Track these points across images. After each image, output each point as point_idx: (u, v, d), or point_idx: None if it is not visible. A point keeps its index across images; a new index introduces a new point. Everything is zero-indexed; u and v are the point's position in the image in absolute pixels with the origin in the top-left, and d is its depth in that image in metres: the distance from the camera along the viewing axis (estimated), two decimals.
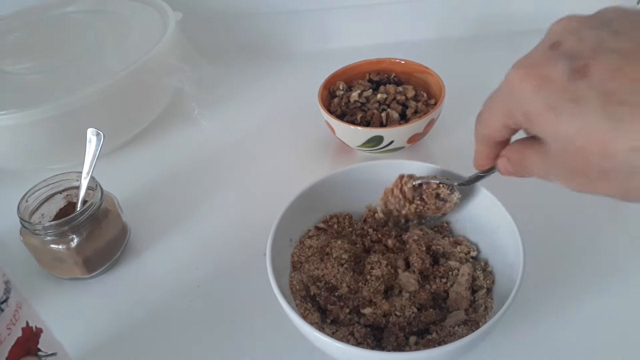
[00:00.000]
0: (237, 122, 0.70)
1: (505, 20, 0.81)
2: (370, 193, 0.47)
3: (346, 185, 0.46)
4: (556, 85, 0.22)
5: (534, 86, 0.23)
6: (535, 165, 0.26)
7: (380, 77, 0.63)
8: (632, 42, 0.21)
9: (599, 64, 0.21)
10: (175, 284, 0.50)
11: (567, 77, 0.22)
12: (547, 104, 0.22)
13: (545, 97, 0.22)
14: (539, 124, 0.23)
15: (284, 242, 0.43)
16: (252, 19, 0.80)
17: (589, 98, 0.21)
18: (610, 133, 0.20)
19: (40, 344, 0.35)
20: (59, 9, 0.74)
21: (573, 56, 0.22)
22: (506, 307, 0.33)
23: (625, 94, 0.20)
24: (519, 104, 0.24)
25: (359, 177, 0.46)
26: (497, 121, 0.26)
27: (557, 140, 0.23)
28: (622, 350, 0.41)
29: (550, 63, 0.23)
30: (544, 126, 0.23)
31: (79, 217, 0.47)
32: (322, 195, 0.45)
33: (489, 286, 0.41)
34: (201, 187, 0.60)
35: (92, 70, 0.62)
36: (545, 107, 0.22)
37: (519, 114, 0.24)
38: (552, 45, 0.24)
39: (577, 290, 0.45)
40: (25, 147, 0.60)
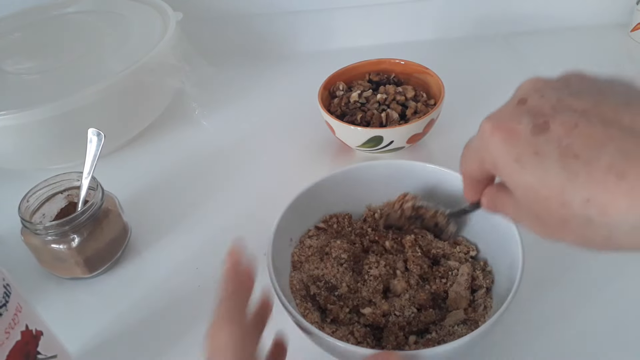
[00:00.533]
0: (237, 122, 0.70)
1: (505, 21, 0.81)
2: (370, 193, 0.47)
3: (346, 185, 0.46)
4: (521, 139, 0.24)
5: (501, 139, 0.25)
6: (508, 208, 0.28)
7: (380, 77, 0.64)
8: (587, 103, 0.23)
9: (557, 121, 0.23)
10: (175, 284, 0.50)
11: (530, 131, 0.24)
12: (512, 156, 0.24)
13: (511, 150, 0.24)
14: (506, 173, 0.25)
15: (284, 242, 0.43)
16: (253, 19, 0.80)
17: (548, 152, 0.23)
18: (567, 184, 0.22)
19: (40, 347, 0.35)
20: (59, 9, 0.74)
21: (536, 113, 0.25)
22: (505, 306, 0.34)
23: (579, 149, 0.22)
24: (489, 154, 0.26)
25: (359, 177, 0.47)
26: (472, 165, 0.29)
27: (522, 189, 0.25)
28: (622, 349, 0.41)
29: (516, 118, 0.25)
30: (511, 176, 0.25)
31: (80, 217, 0.47)
32: (322, 195, 0.46)
33: (488, 286, 0.41)
34: (202, 187, 0.61)
35: (92, 71, 0.62)
36: (511, 159, 0.24)
37: (489, 163, 0.26)
38: (519, 101, 0.26)
39: (577, 290, 0.45)
40: (26, 147, 0.60)
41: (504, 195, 0.28)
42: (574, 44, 0.78)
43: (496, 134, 0.25)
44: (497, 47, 0.79)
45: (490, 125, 0.26)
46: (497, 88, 0.72)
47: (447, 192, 0.44)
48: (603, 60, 0.74)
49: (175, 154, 0.66)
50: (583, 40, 0.79)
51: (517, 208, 0.27)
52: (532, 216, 0.25)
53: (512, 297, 0.34)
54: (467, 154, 0.30)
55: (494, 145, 0.25)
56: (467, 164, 0.30)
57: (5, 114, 0.54)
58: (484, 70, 0.74)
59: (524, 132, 0.24)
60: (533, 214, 0.25)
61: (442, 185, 0.45)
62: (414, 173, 0.46)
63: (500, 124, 0.25)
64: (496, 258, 0.42)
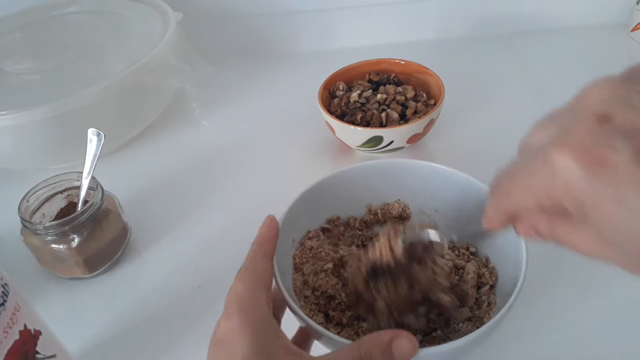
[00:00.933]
0: (237, 122, 0.70)
1: (505, 21, 0.81)
2: (373, 192, 0.46)
3: (349, 185, 0.46)
4: (619, 171, 0.18)
5: (590, 172, 0.19)
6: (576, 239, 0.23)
7: (380, 77, 0.64)
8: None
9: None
10: (175, 284, 0.50)
11: (632, 160, 0.18)
12: (611, 195, 0.19)
13: (607, 187, 0.19)
14: (598, 215, 0.20)
15: (287, 243, 0.43)
16: (253, 19, 0.80)
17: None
18: None
19: (38, 347, 0.35)
20: (59, 9, 0.74)
21: (633, 133, 0.19)
22: (511, 302, 0.33)
23: None
24: (572, 195, 0.20)
25: (361, 176, 0.46)
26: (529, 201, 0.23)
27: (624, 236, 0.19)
28: (626, 347, 0.41)
29: (605, 143, 0.19)
30: (607, 219, 0.19)
31: (80, 217, 0.47)
32: (324, 195, 0.45)
33: (492, 283, 0.40)
34: (202, 187, 0.61)
35: (92, 71, 0.62)
36: (608, 199, 0.19)
37: (568, 201, 0.20)
38: (599, 118, 0.20)
39: (581, 285, 0.45)
40: (26, 147, 0.60)
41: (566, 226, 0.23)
42: (574, 44, 0.78)
43: (580, 165, 0.19)
44: (497, 47, 0.79)
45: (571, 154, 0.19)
46: (497, 88, 0.73)
47: (452, 192, 0.44)
48: (603, 60, 0.74)
49: (175, 154, 0.66)
50: (583, 40, 0.79)
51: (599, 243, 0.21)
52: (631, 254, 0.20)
53: (517, 294, 0.34)
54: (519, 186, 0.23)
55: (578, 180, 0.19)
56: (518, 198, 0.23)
57: (5, 114, 0.54)
58: (484, 70, 0.74)
59: (623, 161, 0.18)
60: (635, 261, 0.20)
61: (446, 185, 0.44)
62: (416, 172, 0.45)
63: (584, 153, 0.19)
64: (497, 254, 0.42)
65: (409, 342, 0.29)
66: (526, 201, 0.23)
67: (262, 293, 0.30)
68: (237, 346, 0.27)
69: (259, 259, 0.32)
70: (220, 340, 0.28)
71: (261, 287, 0.30)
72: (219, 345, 0.28)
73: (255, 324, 0.28)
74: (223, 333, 0.28)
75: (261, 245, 0.33)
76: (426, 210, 0.46)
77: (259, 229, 0.35)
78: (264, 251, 0.33)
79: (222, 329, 0.28)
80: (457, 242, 0.40)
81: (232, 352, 0.27)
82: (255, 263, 0.32)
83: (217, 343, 0.28)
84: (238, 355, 0.27)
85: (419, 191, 0.45)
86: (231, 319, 0.28)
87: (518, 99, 0.68)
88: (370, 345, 0.28)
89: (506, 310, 0.33)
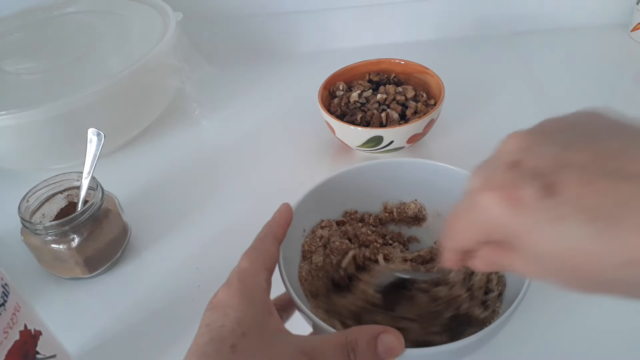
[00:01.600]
0: (237, 122, 0.70)
1: (505, 21, 0.81)
2: (390, 190, 0.46)
3: (366, 180, 0.45)
4: (531, 206, 0.22)
5: (509, 210, 0.23)
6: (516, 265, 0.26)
7: (380, 77, 0.64)
8: (586, 154, 0.22)
9: (565, 180, 0.22)
10: (175, 284, 0.50)
11: (538, 196, 0.22)
12: (528, 227, 0.22)
13: (524, 220, 0.22)
14: (524, 245, 0.23)
15: (297, 232, 0.42)
16: (253, 19, 0.80)
17: (566, 216, 0.21)
18: (596, 250, 0.21)
19: (39, 347, 0.35)
20: (59, 9, 0.74)
21: (536, 174, 0.22)
22: (515, 305, 0.33)
23: (601, 209, 0.21)
24: (498, 228, 0.24)
25: (380, 173, 0.45)
26: (470, 240, 0.27)
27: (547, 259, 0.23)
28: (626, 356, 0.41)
29: (516, 183, 0.23)
30: (528, 246, 0.23)
31: (80, 217, 0.47)
32: (339, 188, 0.44)
33: (500, 290, 0.40)
34: (202, 187, 0.61)
35: (92, 71, 0.62)
36: (527, 231, 0.22)
37: (496, 234, 0.24)
38: (511, 164, 0.24)
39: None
40: (25, 147, 0.60)
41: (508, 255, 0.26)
42: (574, 44, 0.78)
43: (501, 204, 0.23)
44: (498, 47, 0.79)
45: (492, 195, 0.23)
46: (497, 88, 0.73)
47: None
48: (603, 60, 0.74)
49: (175, 153, 0.66)
50: (583, 40, 0.79)
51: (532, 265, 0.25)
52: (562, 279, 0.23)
53: (521, 299, 0.33)
54: (460, 226, 0.27)
55: (502, 218, 0.23)
56: (461, 236, 0.27)
57: (5, 114, 0.54)
58: (484, 70, 0.74)
59: (531, 197, 0.22)
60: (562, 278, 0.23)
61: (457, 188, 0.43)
62: (436, 174, 0.44)
63: (503, 193, 0.23)
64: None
65: (396, 339, 0.29)
66: (467, 239, 0.27)
67: (263, 272, 0.32)
68: (231, 310, 0.29)
69: (266, 241, 0.34)
70: (216, 305, 0.30)
71: (263, 267, 0.32)
72: (214, 309, 0.29)
73: (252, 297, 0.30)
74: (219, 299, 0.30)
75: (272, 228, 0.35)
76: (443, 213, 0.45)
77: (274, 213, 0.36)
78: (273, 234, 0.35)
79: (219, 296, 0.30)
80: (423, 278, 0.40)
81: (226, 314, 0.29)
82: (262, 244, 0.34)
83: (213, 308, 0.30)
84: (230, 317, 0.28)
85: (437, 193, 0.44)
86: (230, 289, 0.30)
87: (518, 98, 0.68)
88: (357, 335, 0.29)
89: (510, 313, 0.33)
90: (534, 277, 0.25)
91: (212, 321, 0.29)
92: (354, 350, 0.28)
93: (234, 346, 0.27)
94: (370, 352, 0.29)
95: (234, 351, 0.27)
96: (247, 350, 0.27)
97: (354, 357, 0.28)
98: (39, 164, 0.63)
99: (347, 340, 0.29)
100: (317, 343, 0.29)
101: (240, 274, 0.31)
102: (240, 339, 0.27)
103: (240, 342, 0.27)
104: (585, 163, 0.22)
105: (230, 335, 0.28)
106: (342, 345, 0.28)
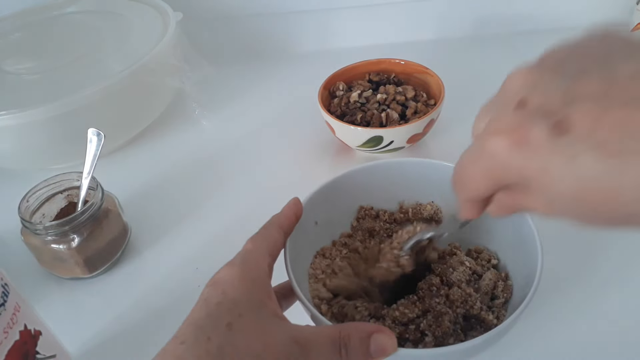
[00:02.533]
0: (237, 122, 0.70)
1: (505, 21, 0.81)
2: (406, 189, 0.45)
3: (382, 178, 0.45)
4: (542, 147, 0.21)
5: (520, 153, 0.22)
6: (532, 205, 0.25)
7: (380, 77, 0.64)
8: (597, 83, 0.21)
9: (577, 114, 0.20)
10: (175, 284, 0.50)
11: (548, 136, 0.21)
12: (539, 168, 0.21)
13: (536, 163, 0.21)
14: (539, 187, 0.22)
15: (309, 223, 0.41)
16: (253, 19, 0.80)
17: (580, 153, 0.20)
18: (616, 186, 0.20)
19: (38, 347, 0.35)
20: (59, 9, 0.74)
21: (546, 112, 0.21)
22: (520, 310, 0.33)
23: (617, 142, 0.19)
24: (510, 173, 0.23)
25: (397, 171, 0.45)
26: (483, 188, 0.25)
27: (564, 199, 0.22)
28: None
29: (526, 125, 0.22)
30: (544, 188, 0.22)
31: (80, 217, 0.47)
32: (355, 184, 0.44)
33: (507, 298, 0.40)
34: (201, 187, 0.61)
35: (92, 71, 0.62)
36: (539, 171, 0.22)
37: (510, 179, 0.23)
38: (517, 104, 0.23)
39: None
40: (25, 147, 0.60)
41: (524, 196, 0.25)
42: None
43: (510, 147, 0.22)
44: (498, 47, 0.79)
45: (500, 139, 0.22)
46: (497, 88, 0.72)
47: None
48: None
49: (175, 154, 0.66)
50: None
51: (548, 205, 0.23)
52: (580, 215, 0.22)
53: (526, 305, 0.33)
54: (471, 175, 0.26)
55: (512, 161, 0.22)
56: (471, 185, 0.26)
57: (5, 114, 0.54)
58: (484, 70, 0.74)
59: (541, 137, 0.21)
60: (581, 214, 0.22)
61: None
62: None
63: (511, 136, 0.22)
64: (515, 271, 0.40)
65: (389, 340, 0.29)
66: (479, 188, 0.26)
67: (266, 257, 0.32)
68: (230, 289, 0.29)
69: (271, 228, 0.35)
70: (217, 282, 0.30)
71: (267, 252, 0.33)
72: (214, 285, 0.30)
73: (253, 279, 0.30)
74: (221, 277, 0.30)
75: (279, 218, 0.36)
76: (460, 217, 0.45)
77: (283, 206, 0.37)
78: (279, 223, 0.35)
79: (221, 273, 0.31)
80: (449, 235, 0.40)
81: (224, 293, 0.29)
82: (268, 231, 0.34)
83: (213, 284, 0.30)
84: (229, 296, 0.29)
85: (454, 196, 0.44)
86: (232, 268, 0.30)
87: None
88: (351, 331, 0.29)
89: (515, 316, 0.32)
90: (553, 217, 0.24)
91: (211, 297, 0.29)
92: (346, 345, 0.28)
93: (230, 325, 0.27)
94: (363, 349, 0.29)
95: (230, 329, 0.27)
96: (242, 331, 0.27)
97: (345, 353, 0.28)
98: (39, 164, 0.63)
99: (341, 335, 0.29)
100: (311, 334, 0.29)
101: (243, 257, 0.31)
102: (237, 319, 0.28)
103: (236, 321, 0.27)
104: (597, 94, 0.20)
105: (227, 313, 0.28)
106: (335, 339, 0.29)
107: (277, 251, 0.34)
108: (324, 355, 0.28)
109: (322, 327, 0.30)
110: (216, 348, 0.26)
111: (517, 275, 0.40)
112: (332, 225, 0.45)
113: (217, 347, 0.26)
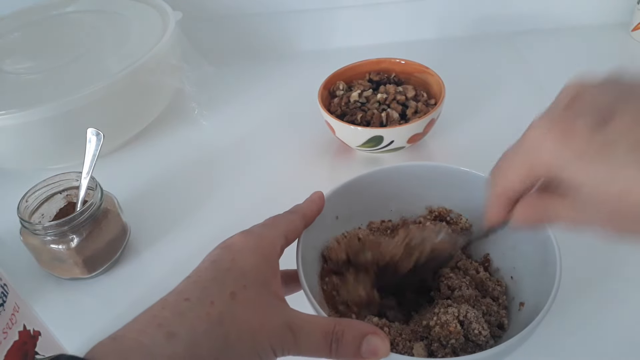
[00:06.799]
0: (237, 122, 0.70)
1: (506, 20, 0.81)
2: (433, 195, 0.45)
3: (407, 181, 0.44)
4: (580, 136, 0.23)
5: (557, 138, 0.23)
6: (561, 210, 0.26)
7: (380, 77, 0.63)
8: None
9: (619, 113, 0.22)
10: (175, 284, 0.49)
11: (591, 127, 0.22)
12: (575, 152, 0.23)
13: (572, 147, 0.23)
14: (569, 172, 0.23)
15: (329, 218, 0.41)
16: (252, 19, 0.80)
17: (617, 143, 0.22)
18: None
19: (38, 347, 0.35)
20: (59, 9, 0.74)
21: (592, 109, 0.23)
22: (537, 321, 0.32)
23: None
24: (542, 157, 0.24)
25: (417, 176, 0.44)
26: (515, 175, 0.27)
27: (590, 186, 0.23)
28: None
29: (569, 119, 0.23)
30: (576, 173, 0.23)
31: (79, 217, 0.47)
32: (382, 185, 0.44)
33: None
34: (201, 187, 0.60)
35: (92, 70, 0.62)
36: (573, 155, 0.23)
37: (542, 165, 0.25)
38: (567, 104, 0.25)
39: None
40: (25, 147, 0.60)
41: (551, 199, 0.26)
42: (574, 44, 0.78)
43: (550, 135, 0.24)
44: (498, 46, 0.79)
45: (543, 129, 0.24)
46: (497, 88, 0.72)
47: None
48: (604, 60, 0.74)
49: (175, 153, 0.66)
50: (584, 40, 0.79)
51: (577, 208, 0.25)
52: (602, 214, 0.23)
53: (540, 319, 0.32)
54: (507, 163, 0.27)
55: (549, 146, 0.24)
56: (508, 174, 0.27)
57: (4, 113, 0.54)
58: (484, 69, 0.74)
59: (583, 129, 0.23)
60: (604, 212, 0.23)
61: None
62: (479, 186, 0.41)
63: (554, 126, 0.24)
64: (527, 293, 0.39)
65: (382, 343, 0.29)
66: (517, 176, 0.27)
67: (282, 238, 0.33)
68: (241, 259, 0.29)
69: (295, 215, 0.35)
70: (229, 246, 0.31)
71: (284, 234, 0.33)
72: (226, 248, 0.30)
73: (264, 255, 0.30)
74: (234, 243, 0.31)
75: (302, 207, 0.37)
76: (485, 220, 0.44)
77: (306, 199, 0.38)
78: (303, 213, 0.36)
79: (235, 239, 0.31)
80: (469, 240, 0.40)
81: (234, 260, 0.29)
82: (292, 215, 0.35)
83: (225, 247, 0.31)
84: (238, 264, 0.29)
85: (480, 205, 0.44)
86: (247, 238, 0.31)
87: (519, 98, 0.68)
88: (346, 327, 0.29)
89: (532, 328, 0.31)
90: (581, 225, 0.25)
91: (220, 260, 0.30)
92: (338, 340, 0.29)
93: (233, 294, 0.28)
94: (354, 347, 0.29)
95: (233, 299, 0.27)
96: (244, 304, 0.27)
97: (336, 347, 0.29)
98: (39, 164, 0.63)
99: (335, 330, 0.29)
100: (306, 322, 0.29)
101: (262, 229, 0.32)
102: (241, 290, 0.28)
103: (240, 292, 0.28)
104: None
105: (233, 282, 0.28)
106: (327, 333, 0.29)
107: (294, 237, 0.35)
108: (314, 345, 0.28)
109: (319, 317, 0.31)
110: (217, 313, 0.27)
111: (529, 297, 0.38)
112: (351, 222, 0.45)
113: (218, 313, 0.27)
